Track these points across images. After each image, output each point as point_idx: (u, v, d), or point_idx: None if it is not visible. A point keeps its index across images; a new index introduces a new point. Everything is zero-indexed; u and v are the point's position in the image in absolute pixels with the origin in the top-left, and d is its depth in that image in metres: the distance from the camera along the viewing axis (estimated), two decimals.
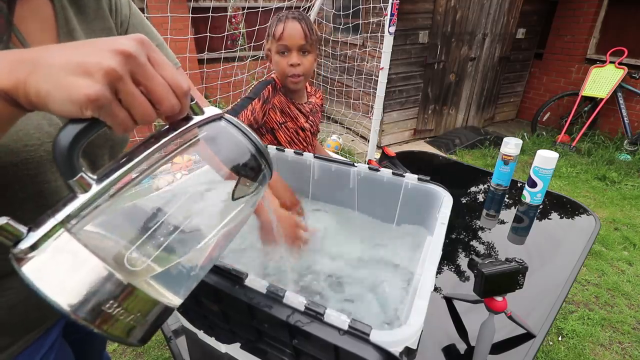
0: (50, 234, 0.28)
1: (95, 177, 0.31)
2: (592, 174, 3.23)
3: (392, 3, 2.08)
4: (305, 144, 1.24)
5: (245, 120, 1.10)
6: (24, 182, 0.46)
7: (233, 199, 0.40)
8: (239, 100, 1.13)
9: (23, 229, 0.28)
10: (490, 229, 1.07)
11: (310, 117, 1.22)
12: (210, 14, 3.02)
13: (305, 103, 1.21)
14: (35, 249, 0.28)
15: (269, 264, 0.93)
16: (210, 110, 0.39)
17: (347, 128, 4.21)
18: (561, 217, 1.13)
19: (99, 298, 0.28)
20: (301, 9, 3.33)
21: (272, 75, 1.17)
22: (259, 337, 0.50)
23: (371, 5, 3.34)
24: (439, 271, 0.90)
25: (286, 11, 1.11)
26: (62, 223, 0.29)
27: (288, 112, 1.16)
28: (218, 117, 0.40)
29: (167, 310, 0.34)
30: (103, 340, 0.90)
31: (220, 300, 0.49)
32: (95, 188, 0.30)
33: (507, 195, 1.24)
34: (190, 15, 3.64)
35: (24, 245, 0.27)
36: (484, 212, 1.15)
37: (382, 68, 2.34)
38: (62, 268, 0.28)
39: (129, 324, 0.30)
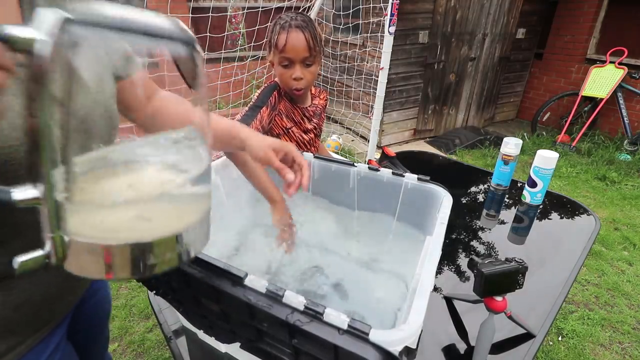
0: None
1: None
2: (592, 174, 3.23)
3: (392, 3, 2.08)
4: (309, 147, 1.24)
5: (254, 129, 1.06)
6: (11, 184, 0.46)
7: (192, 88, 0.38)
8: (246, 109, 1.10)
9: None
10: (490, 229, 1.07)
11: (314, 120, 1.21)
12: (210, 14, 3.02)
13: (309, 106, 1.19)
14: None
15: (271, 265, 0.93)
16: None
17: (347, 128, 4.21)
18: (561, 217, 1.13)
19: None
20: (301, 9, 3.33)
21: (276, 79, 1.15)
22: (258, 337, 0.50)
23: (371, 5, 3.34)
24: (439, 271, 0.90)
25: (289, 14, 1.04)
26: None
27: (292, 117, 1.15)
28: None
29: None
30: (105, 340, 0.90)
31: (220, 300, 0.49)
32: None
33: (507, 195, 1.24)
34: (190, 15, 3.64)
35: None
36: (484, 212, 1.15)
37: (382, 68, 2.33)
38: None
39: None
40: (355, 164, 0.83)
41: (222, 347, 0.70)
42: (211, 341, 0.70)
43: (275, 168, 0.64)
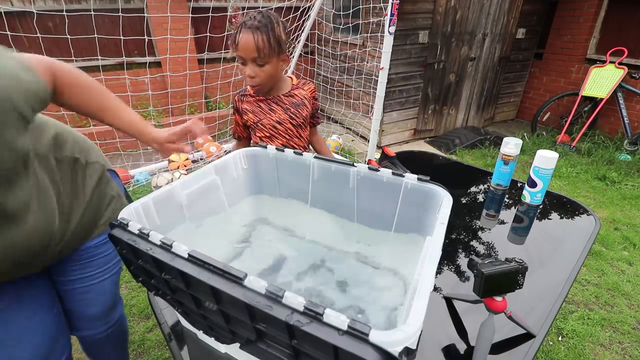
0: None
1: None
2: (592, 174, 3.23)
3: (392, 3, 2.08)
4: (287, 137, 1.26)
5: (238, 130, 1.31)
6: None
7: None
8: None
9: None
10: (490, 229, 1.07)
11: (292, 109, 1.23)
12: (210, 14, 3.02)
13: (283, 95, 1.23)
14: None
15: (272, 263, 0.93)
16: None
17: (347, 128, 4.21)
18: (561, 217, 1.13)
19: None
20: (301, 9, 3.33)
21: None
22: (258, 338, 0.50)
23: (371, 5, 3.34)
24: (439, 271, 0.90)
25: (252, 13, 1.08)
26: None
27: (260, 111, 1.22)
28: None
29: None
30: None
31: (220, 300, 0.49)
32: None
33: (507, 195, 1.24)
34: (190, 15, 3.63)
35: None
36: (484, 212, 1.15)
37: (382, 68, 2.34)
38: None
39: None
40: (355, 164, 0.82)
41: (222, 348, 0.70)
42: (211, 341, 0.70)
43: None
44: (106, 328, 1.04)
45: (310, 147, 1.39)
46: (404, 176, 0.76)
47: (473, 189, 1.30)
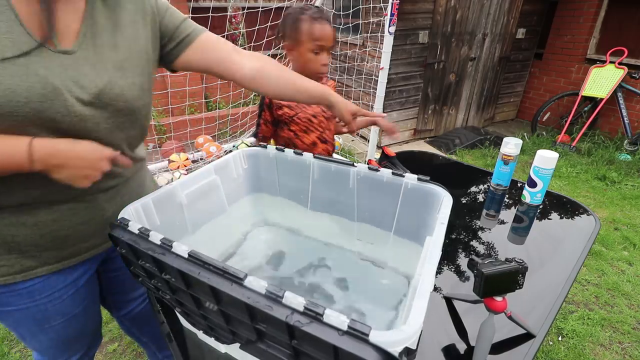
0: None
1: None
2: (592, 174, 3.23)
3: (392, 3, 2.08)
4: (321, 129, 1.26)
5: (265, 130, 1.25)
6: (13, 132, 0.56)
7: None
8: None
9: None
10: (490, 229, 1.07)
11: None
12: (210, 14, 3.02)
13: None
14: None
15: (272, 262, 0.93)
16: None
17: None
18: (561, 217, 1.13)
19: None
20: None
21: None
22: (258, 338, 0.50)
23: (371, 5, 3.34)
24: (439, 271, 0.90)
25: (307, 6, 1.13)
26: None
27: (295, 105, 1.21)
28: None
29: None
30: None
31: (220, 300, 0.49)
32: None
33: (507, 195, 1.24)
34: (190, 15, 3.61)
35: None
36: (484, 212, 1.15)
37: (382, 68, 2.34)
38: None
39: None
40: (355, 164, 0.82)
41: (222, 348, 0.70)
42: (211, 342, 0.70)
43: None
44: (145, 296, 1.07)
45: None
46: (404, 176, 0.77)
47: (473, 189, 1.30)
